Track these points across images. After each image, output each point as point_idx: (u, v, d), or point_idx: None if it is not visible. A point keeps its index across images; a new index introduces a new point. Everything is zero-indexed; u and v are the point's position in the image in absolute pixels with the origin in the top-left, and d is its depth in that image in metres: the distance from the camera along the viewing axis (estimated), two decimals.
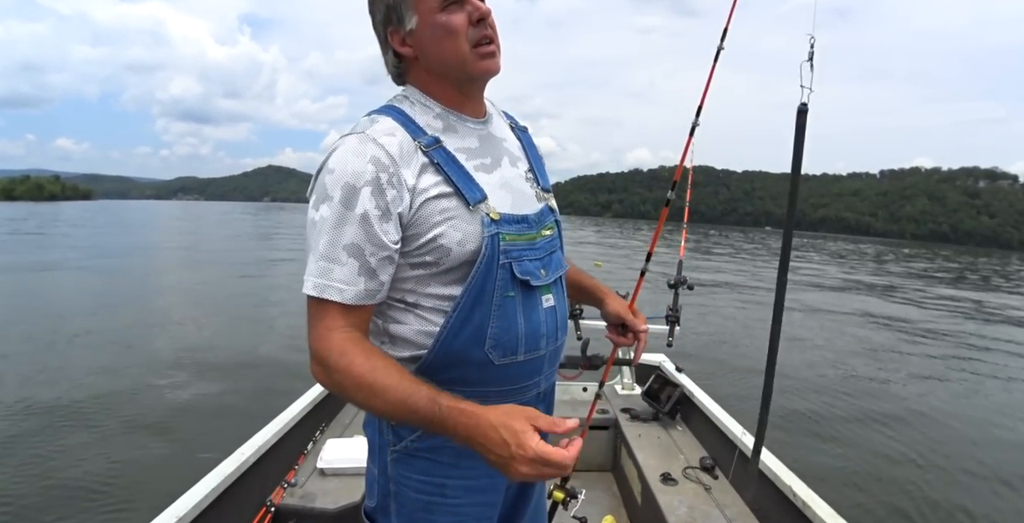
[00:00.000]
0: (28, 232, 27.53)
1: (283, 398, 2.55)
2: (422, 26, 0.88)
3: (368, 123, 0.89)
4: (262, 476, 2.02)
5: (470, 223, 0.88)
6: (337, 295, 0.83)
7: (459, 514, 0.97)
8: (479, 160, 0.94)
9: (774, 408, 1.67)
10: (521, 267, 0.92)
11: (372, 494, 1.01)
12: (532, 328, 0.95)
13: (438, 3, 0.87)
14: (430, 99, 0.94)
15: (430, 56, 0.90)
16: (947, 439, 5.17)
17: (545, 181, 1.05)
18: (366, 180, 0.82)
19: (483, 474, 0.97)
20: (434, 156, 0.88)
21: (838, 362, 7.74)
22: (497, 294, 0.90)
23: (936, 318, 12.33)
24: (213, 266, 15.96)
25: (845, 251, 46.69)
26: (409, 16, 0.88)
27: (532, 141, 1.09)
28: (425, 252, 0.87)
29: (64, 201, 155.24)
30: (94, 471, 3.75)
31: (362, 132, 0.86)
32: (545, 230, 1.00)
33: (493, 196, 0.92)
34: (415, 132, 0.89)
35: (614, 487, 2.66)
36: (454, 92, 0.94)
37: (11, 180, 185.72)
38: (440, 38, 0.88)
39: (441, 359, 0.91)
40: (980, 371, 7.96)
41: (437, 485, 0.95)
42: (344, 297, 0.83)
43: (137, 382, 5.56)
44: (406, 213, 0.85)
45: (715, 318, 10.17)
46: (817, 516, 1.76)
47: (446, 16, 0.87)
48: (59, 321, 8.03)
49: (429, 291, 0.90)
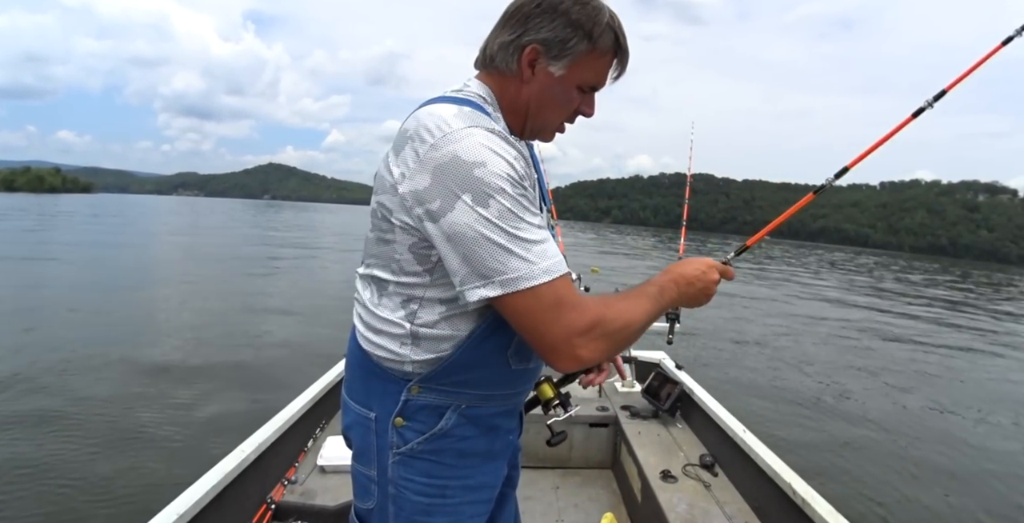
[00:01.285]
0: (31, 228, 27.44)
1: (281, 396, 2.54)
2: (560, 81, 0.91)
3: (484, 118, 0.85)
4: (262, 473, 2.02)
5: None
6: (562, 268, 0.81)
7: (456, 513, 0.98)
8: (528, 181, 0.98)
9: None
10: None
11: (367, 496, 0.99)
12: None
13: (585, 82, 0.92)
14: (501, 114, 0.95)
15: (536, 100, 0.93)
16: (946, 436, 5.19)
17: (546, 202, 1.09)
18: (522, 174, 0.82)
19: (480, 472, 0.99)
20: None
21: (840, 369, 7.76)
22: None
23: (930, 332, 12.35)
24: (213, 265, 15.92)
25: (841, 261, 46.78)
26: (563, 64, 0.89)
27: (537, 156, 1.11)
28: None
29: (64, 193, 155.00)
30: (94, 471, 3.72)
31: (491, 127, 0.82)
32: None
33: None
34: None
35: (614, 484, 2.67)
36: (519, 125, 0.97)
37: (12, 171, 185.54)
38: (558, 102, 0.93)
39: (466, 360, 0.90)
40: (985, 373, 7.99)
41: (439, 487, 0.95)
42: (564, 268, 0.82)
43: (136, 382, 5.53)
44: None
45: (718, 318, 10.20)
46: (816, 513, 1.76)
47: (576, 93, 0.93)
48: (51, 314, 8.02)
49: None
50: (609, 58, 0.91)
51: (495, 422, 0.98)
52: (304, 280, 12.99)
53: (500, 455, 1.03)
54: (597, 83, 0.93)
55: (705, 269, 0.98)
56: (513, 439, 1.06)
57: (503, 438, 1.02)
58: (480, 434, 0.95)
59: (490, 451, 1.00)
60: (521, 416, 1.09)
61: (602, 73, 0.92)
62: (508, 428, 1.03)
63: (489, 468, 1.01)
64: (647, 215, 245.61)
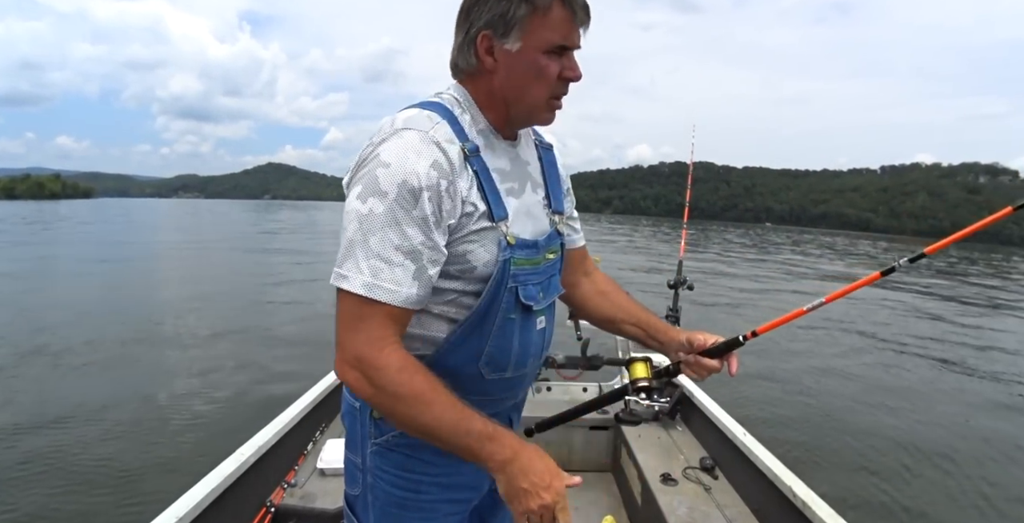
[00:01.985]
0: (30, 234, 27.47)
1: (281, 398, 2.54)
2: (520, 55, 0.86)
3: (427, 121, 0.85)
4: (262, 476, 2.02)
5: (494, 243, 0.89)
6: (388, 297, 0.80)
7: (430, 510, 0.99)
8: (510, 184, 0.94)
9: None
10: (526, 291, 0.93)
11: (354, 483, 1.02)
12: (523, 348, 0.97)
13: (546, 45, 0.85)
14: (480, 113, 0.93)
15: (509, 83, 0.89)
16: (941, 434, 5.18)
17: (559, 204, 1.04)
18: (428, 184, 0.80)
19: (458, 472, 0.99)
20: (474, 164, 0.87)
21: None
22: (500, 316, 0.91)
23: None
24: (213, 265, 15.93)
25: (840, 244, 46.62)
26: (515, 38, 0.85)
27: (555, 160, 1.08)
28: (452, 264, 0.87)
29: (65, 199, 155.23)
30: (94, 471, 3.75)
31: (423, 131, 0.83)
32: (549, 254, 0.99)
33: (515, 221, 0.92)
34: (462, 137, 0.88)
35: (614, 487, 2.66)
36: (505, 118, 0.94)
37: (12, 179, 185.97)
38: (530, 76, 0.87)
39: (438, 365, 0.91)
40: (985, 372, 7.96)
41: (413, 482, 0.97)
42: (394, 299, 0.80)
43: (134, 381, 5.55)
44: (454, 224, 0.85)
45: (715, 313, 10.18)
46: (817, 516, 1.75)
47: (546, 60, 0.86)
48: (55, 324, 8.03)
49: (447, 298, 0.90)
50: (558, 12, 0.85)
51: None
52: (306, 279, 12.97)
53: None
54: (563, 41, 0.86)
55: (543, 490, 0.85)
56: None
57: None
58: None
59: None
60: (512, 422, 1.08)
61: (559, 29, 0.85)
62: None
63: (468, 469, 0.98)
64: (648, 205, 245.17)
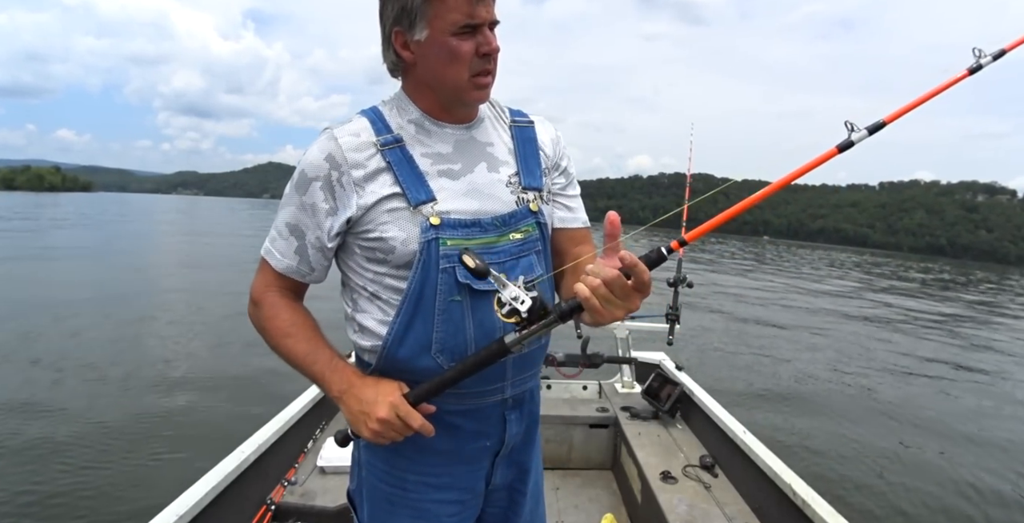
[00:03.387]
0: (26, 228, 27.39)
1: (281, 396, 2.54)
2: (430, 42, 0.88)
3: (345, 123, 0.94)
4: (262, 474, 2.03)
5: (414, 224, 0.90)
6: (271, 260, 0.97)
7: (420, 509, 0.98)
8: (447, 166, 0.95)
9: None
10: (465, 271, 0.87)
11: (353, 477, 1.07)
12: (484, 334, 0.92)
13: (452, 27, 0.86)
14: (411, 104, 0.96)
15: (428, 71, 0.91)
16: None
17: (535, 181, 1.00)
18: (318, 175, 0.90)
19: (447, 472, 0.99)
20: (388, 155, 0.91)
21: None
22: (440, 298, 0.90)
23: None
24: (212, 265, 15.89)
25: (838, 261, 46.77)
26: (421, 27, 0.87)
27: (533, 136, 1.04)
28: (375, 247, 0.92)
29: (64, 192, 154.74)
30: (93, 471, 3.73)
31: (331, 130, 0.92)
32: (515, 233, 0.96)
33: (450, 201, 0.92)
34: (380, 131, 0.92)
35: (614, 485, 2.67)
36: (437, 104, 0.96)
37: (11, 170, 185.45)
38: (444, 60, 0.88)
39: (390, 364, 0.93)
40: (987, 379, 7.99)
41: (398, 477, 0.98)
42: (277, 265, 0.97)
43: (133, 381, 5.54)
44: (355, 212, 0.90)
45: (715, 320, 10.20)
46: (817, 515, 1.77)
47: (456, 41, 0.87)
48: (53, 319, 8.01)
49: (387, 283, 0.93)
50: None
51: (455, 421, 0.97)
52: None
53: (475, 460, 1.01)
54: (468, 19, 0.85)
55: (371, 406, 0.87)
56: (490, 445, 1.02)
57: (474, 442, 1.00)
58: (439, 432, 0.91)
59: (457, 452, 0.99)
60: (506, 422, 1.03)
61: (459, 8, 0.85)
62: (476, 431, 1.00)
63: (460, 470, 1.00)
64: (646, 215, 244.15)
